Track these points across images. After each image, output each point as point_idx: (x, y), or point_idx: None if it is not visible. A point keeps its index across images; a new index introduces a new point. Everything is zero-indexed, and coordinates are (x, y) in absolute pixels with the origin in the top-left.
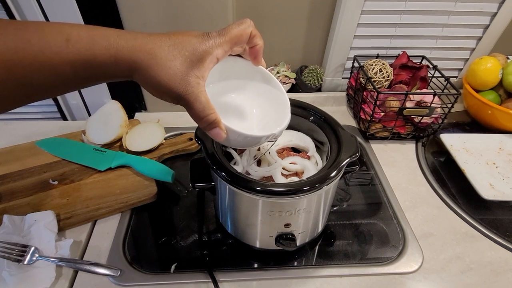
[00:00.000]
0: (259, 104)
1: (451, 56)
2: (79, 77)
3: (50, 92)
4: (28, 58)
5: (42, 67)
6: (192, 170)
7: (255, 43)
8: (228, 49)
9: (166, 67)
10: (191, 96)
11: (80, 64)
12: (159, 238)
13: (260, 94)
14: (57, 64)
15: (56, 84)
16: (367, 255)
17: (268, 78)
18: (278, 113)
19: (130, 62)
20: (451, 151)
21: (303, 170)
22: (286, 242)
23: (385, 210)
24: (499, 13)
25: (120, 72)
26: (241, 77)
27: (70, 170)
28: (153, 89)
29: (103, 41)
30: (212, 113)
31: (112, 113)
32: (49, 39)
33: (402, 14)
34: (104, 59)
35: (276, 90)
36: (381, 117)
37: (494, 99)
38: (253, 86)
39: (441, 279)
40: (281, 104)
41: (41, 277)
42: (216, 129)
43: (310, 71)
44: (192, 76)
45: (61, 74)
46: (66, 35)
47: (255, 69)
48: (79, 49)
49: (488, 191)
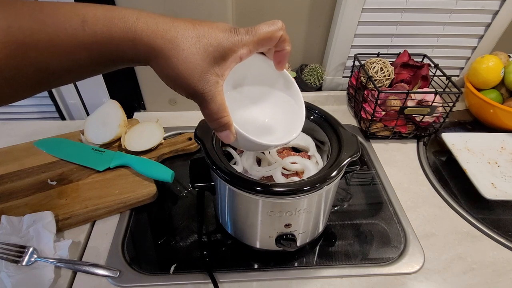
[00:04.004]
0: (274, 112)
1: (452, 54)
2: (95, 62)
3: (66, 78)
4: (43, 41)
5: (57, 52)
6: (191, 170)
7: (283, 48)
8: (254, 50)
9: (186, 60)
10: (208, 95)
11: (96, 48)
12: (158, 239)
13: (277, 102)
14: (72, 47)
15: (72, 68)
16: (368, 256)
17: (289, 84)
18: (291, 124)
19: (150, 48)
20: (452, 151)
21: (304, 170)
22: (286, 242)
23: (386, 210)
24: (501, 11)
25: (138, 58)
26: (260, 78)
27: (69, 170)
28: (169, 80)
29: (121, 23)
30: (226, 116)
31: (111, 113)
32: (65, 20)
33: (403, 12)
34: (121, 43)
35: (292, 100)
36: (382, 116)
37: (496, 98)
38: (271, 91)
39: (443, 279)
40: (295, 115)
41: (39, 278)
42: (227, 131)
43: (310, 70)
44: (212, 74)
45: (77, 58)
46: (82, 16)
47: (276, 72)
48: (95, 31)
49: (490, 191)
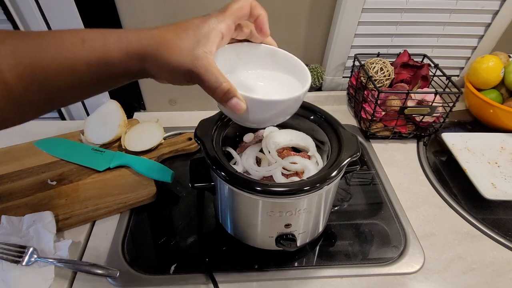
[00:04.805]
0: (272, 87)
1: (452, 54)
2: (95, 77)
3: (70, 95)
4: (48, 59)
5: (60, 69)
6: (191, 170)
7: (257, 13)
8: (232, 23)
9: (174, 47)
10: (201, 68)
11: (94, 61)
12: (158, 239)
13: (273, 78)
14: (73, 64)
15: (74, 84)
16: (368, 256)
17: (277, 57)
18: (296, 82)
19: (140, 51)
20: (452, 151)
21: (304, 170)
22: (286, 242)
23: (386, 210)
24: (501, 11)
25: (132, 65)
26: (252, 64)
27: (69, 170)
28: (164, 71)
29: (115, 36)
30: (225, 82)
31: (111, 113)
32: (66, 41)
33: (403, 12)
34: (116, 53)
35: (286, 75)
36: (382, 116)
37: (496, 98)
38: (264, 72)
39: (443, 279)
40: (296, 76)
41: (39, 278)
42: (234, 99)
43: (310, 70)
44: (199, 51)
45: (78, 74)
46: (82, 36)
47: (264, 53)
48: (93, 47)
49: (490, 191)
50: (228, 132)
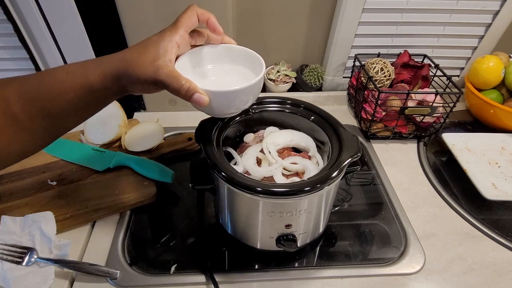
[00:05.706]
0: (231, 79)
1: (453, 54)
2: (84, 100)
3: (66, 120)
4: (44, 92)
5: (54, 97)
6: (192, 171)
7: (206, 17)
8: (184, 33)
9: (139, 63)
10: (163, 75)
11: (79, 88)
12: (158, 239)
13: (231, 71)
14: (63, 92)
15: (67, 109)
16: (369, 256)
17: (230, 48)
18: (251, 73)
19: (114, 72)
20: (453, 151)
21: (304, 170)
22: (287, 243)
23: (386, 210)
24: (501, 11)
25: (110, 85)
26: (211, 61)
27: (69, 170)
28: (137, 84)
29: (93, 65)
30: (185, 82)
31: (111, 113)
32: (56, 76)
33: (403, 12)
34: (96, 78)
35: (242, 67)
36: (382, 116)
37: (496, 98)
38: (223, 66)
39: (443, 280)
40: (252, 67)
41: (39, 278)
42: (196, 94)
43: (310, 70)
44: (160, 62)
45: (69, 100)
46: (67, 69)
47: (222, 52)
48: (76, 76)
49: (491, 191)
50: (229, 132)
